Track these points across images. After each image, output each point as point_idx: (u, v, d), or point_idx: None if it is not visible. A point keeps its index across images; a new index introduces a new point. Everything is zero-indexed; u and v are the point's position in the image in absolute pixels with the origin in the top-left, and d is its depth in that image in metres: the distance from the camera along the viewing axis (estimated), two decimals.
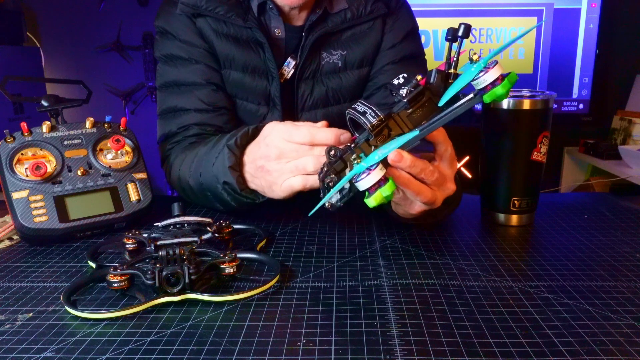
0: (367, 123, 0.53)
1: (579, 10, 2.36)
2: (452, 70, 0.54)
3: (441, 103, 0.53)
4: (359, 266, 0.59)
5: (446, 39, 0.54)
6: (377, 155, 0.49)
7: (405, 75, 0.55)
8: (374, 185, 0.48)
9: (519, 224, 0.73)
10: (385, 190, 0.47)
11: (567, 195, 1.38)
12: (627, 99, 2.48)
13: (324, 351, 0.42)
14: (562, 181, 2.50)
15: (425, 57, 0.97)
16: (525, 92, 0.71)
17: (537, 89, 1.95)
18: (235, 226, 0.68)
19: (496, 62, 0.49)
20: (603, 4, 2.33)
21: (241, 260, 0.58)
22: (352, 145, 0.54)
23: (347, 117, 0.56)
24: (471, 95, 0.51)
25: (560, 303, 0.50)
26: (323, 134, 0.58)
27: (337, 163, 0.53)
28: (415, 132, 0.51)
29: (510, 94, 0.70)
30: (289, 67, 0.87)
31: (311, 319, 0.47)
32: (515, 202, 0.72)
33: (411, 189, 0.54)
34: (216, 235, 0.62)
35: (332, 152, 0.53)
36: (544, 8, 2.37)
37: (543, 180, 0.73)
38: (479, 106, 0.66)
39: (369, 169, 0.48)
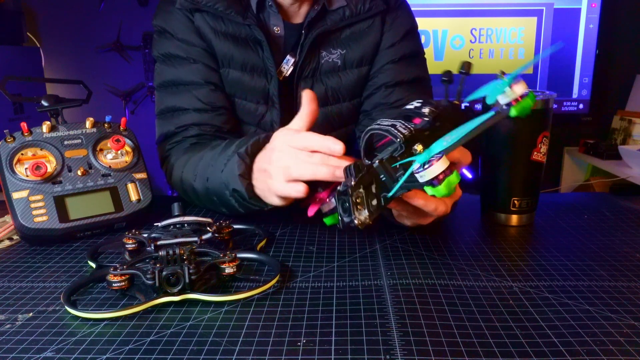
0: (400, 134, 0.51)
1: (579, 10, 2.36)
2: (457, 101, 0.56)
3: (470, 98, 0.53)
4: (359, 266, 0.59)
5: (442, 81, 0.56)
6: (444, 142, 0.48)
7: (420, 100, 0.56)
8: (442, 172, 0.46)
9: (519, 224, 0.73)
10: (454, 178, 0.47)
11: (567, 195, 1.38)
12: (627, 99, 2.48)
13: (324, 351, 0.42)
14: (562, 181, 2.50)
15: (425, 56, 0.97)
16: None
17: (537, 89, 1.95)
18: (235, 226, 0.68)
19: (520, 80, 0.51)
20: (603, 4, 2.33)
21: (241, 260, 0.58)
22: (375, 162, 0.52)
23: (364, 137, 0.54)
24: (498, 109, 0.51)
25: (560, 303, 0.50)
26: (318, 140, 0.57)
27: (360, 176, 0.50)
28: (467, 130, 0.49)
29: None
30: (288, 65, 0.87)
31: (311, 319, 0.47)
32: (515, 202, 0.72)
33: (429, 207, 0.56)
34: (216, 235, 0.62)
35: (354, 166, 0.51)
36: (544, 8, 2.37)
37: (543, 180, 0.73)
38: (479, 106, 0.66)
39: (431, 160, 0.47)
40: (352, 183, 0.49)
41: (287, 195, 0.59)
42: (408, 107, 0.57)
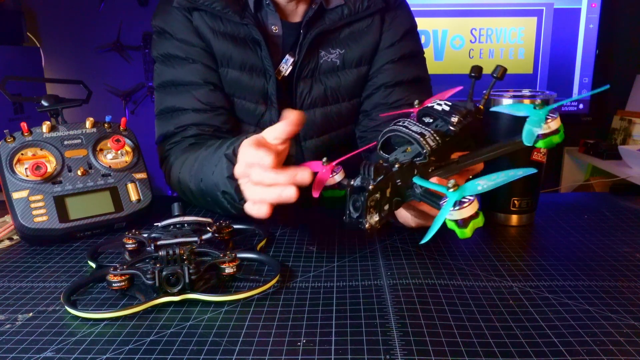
0: (427, 146, 0.51)
1: (579, 10, 2.36)
2: (481, 107, 0.57)
3: (496, 109, 0.55)
4: (359, 266, 0.59)
5: (470, 76, 0.57)
6: (479, 186, 0.46)
7: (449, 103, 0.56)
8: (471, 216, 0.45)
9: (519, 224, 0.73)
10: (479, 222, 0.46)
11: (567, 195, 1.38)
12: (627, 99, 2.48)
13: (324, 351, 0.42)
14: (562, 181, 2.50)
15: (425, 56, 0.97)
16: (525, 92, 0.71)
17: (537, 89, 1.95)
18: (235, 226, 0.67)
19: (557, 116, 0.52)
20: (603, 4, 2.33)
21: (241, 260, 0.58)
22: (395, 167, 0.52)
23: (386, 134, 0.53)
24: (528, 138, 0.53)
25: (560, 303, 0.50)
26: (255, 156, 0.54)
27: (379, 180, 0.49)
28: (502, 180, 0.48)
29: (510, 94, 0.70)
30: (287, 65, 0.87)
31: (311, 319, 0.47)
32: (515, 202, 0.72)
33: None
34: (216, 235, 0.62)
35: (374, 168, 0.50)
36: (544, 8, 2.37)
37: (543, 180, 0.73)
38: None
39: (464, 200, 0.45)
40: (371, 187, 0.49)
41: (252, 215, 0.56)
42: (436, 107, 0.55)
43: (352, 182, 0.51)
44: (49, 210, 0.66)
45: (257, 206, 0.54)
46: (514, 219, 0.73)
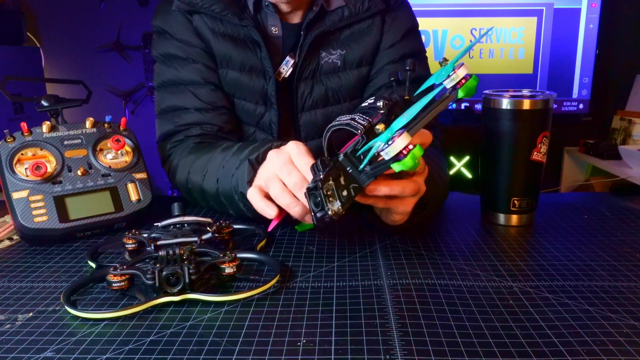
0: (359, 126, 0.54)
1: (579, 10, 2.36)
2: (407, 97, 0.58)
3: (420, 90, 0.55)
4: (359, 266, 0.59)
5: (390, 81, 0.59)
6: (403, 118, 0.50)
7: (372, 97, 0.58)
8: (405, 147, 0.48)
9: (519, 224, 0.73)
10: (418, 151, 0.48)
11: (567, 195, 1.38)
12: (627, 99, 2.48)
13: (324, 351, 0.42)
14: (562, 181, 2.50)
15: (426, 55, 0.97)
16: (525, 92, 0.71)
17: (537, 89, 1.95)
18: (235, 226, 0.67)
19: (462, 64, 0.53)
20: (603, 4, 2.33)
21: (241, 260, 0.58)
22: (340, 156, 0.54)
23: (325, 136, 0.57)
24: (447, 93, 0.54)
25: (560, 303, 0.50)
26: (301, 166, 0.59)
27: (328, 170, 0.52)
28: (421, 105, 0.51)
29: (511, 93, 0.70)
30: (287, 66, 0.87)
31: (311, 319, 0.47)
32: (515, 202, 0.72)
33: (395, 191, 0.56)
34: (216, 235, 0.62)
35: (320, 162, 0.53)
36: (544, 8, 2.37)
37: (543, 180, 0.73)
38: (479, 106, 0.66)
39: (393, 137, 0.49)
40: (322, 176, 0.51)
41: (257, 209, 0.62)
42: (362, 105, 0.59)
43: (307, 186, 0.54)
44: (49, 210, 0.66)
45: (267, 205, 0.61)
46: (514, 219, 0.73)
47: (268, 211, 0.61)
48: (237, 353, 0.42)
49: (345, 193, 0.52)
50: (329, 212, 0.51)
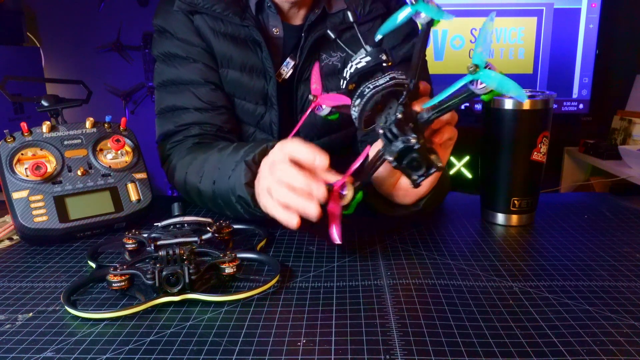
0: (403, 77, 0.53)
1: (579, 10, 2.36)
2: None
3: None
4: (359, 266, 0.59)
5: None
6: (492, 73, 0.49)
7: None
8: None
9: (519, 224, 0.73)
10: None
11: (567, 195, 1.38)
12: (627, 99, 2.48)
13: (324, 351, 0.42)
14: (562, 181, 2.50)
15: (426, 58, 0.97)
16: (525, 92, 0.71)
17: (537, 89, 1.95)
18: (235, 226, 0.68)
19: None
20: (603, 4, 2.33)
21: (241, 260, 0.58)
22: (399, 108, 0.53)
23: (370, 100, 0.55)
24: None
25: (560, 303, 0.50)
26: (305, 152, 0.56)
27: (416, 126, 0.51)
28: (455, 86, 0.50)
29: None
30: (288, 68, 0.87)
31: (311, 319, 0.47)
32: (515, 202, 0.72)
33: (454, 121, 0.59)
34: (216, 235, 0.62)
35: (396, 124, 0.52)
36: (544, 8, 2.37)
37: (543, 180, 0.73)
38: (479, 106, 0.66)
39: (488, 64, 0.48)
40: (413, 138, 0.50)
41: (280, 221, 0.57)
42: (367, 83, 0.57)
43: (386, 157, 0.52)
44: (49, 210, 0.66)
45: (287, 214, 0.56)
46: (514, 219, 0.73)
47: (292, 220, 0.56)
48: (237, 353, 0.42)
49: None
50: (439, 165, 0.51)
